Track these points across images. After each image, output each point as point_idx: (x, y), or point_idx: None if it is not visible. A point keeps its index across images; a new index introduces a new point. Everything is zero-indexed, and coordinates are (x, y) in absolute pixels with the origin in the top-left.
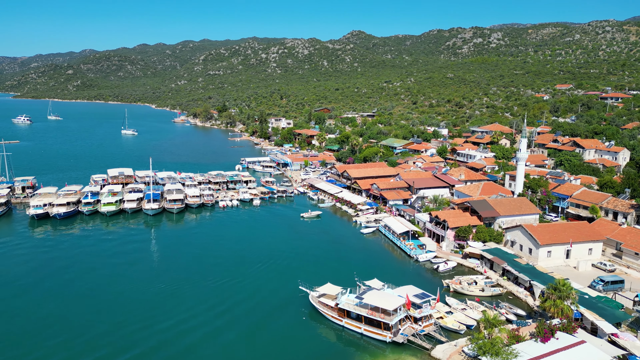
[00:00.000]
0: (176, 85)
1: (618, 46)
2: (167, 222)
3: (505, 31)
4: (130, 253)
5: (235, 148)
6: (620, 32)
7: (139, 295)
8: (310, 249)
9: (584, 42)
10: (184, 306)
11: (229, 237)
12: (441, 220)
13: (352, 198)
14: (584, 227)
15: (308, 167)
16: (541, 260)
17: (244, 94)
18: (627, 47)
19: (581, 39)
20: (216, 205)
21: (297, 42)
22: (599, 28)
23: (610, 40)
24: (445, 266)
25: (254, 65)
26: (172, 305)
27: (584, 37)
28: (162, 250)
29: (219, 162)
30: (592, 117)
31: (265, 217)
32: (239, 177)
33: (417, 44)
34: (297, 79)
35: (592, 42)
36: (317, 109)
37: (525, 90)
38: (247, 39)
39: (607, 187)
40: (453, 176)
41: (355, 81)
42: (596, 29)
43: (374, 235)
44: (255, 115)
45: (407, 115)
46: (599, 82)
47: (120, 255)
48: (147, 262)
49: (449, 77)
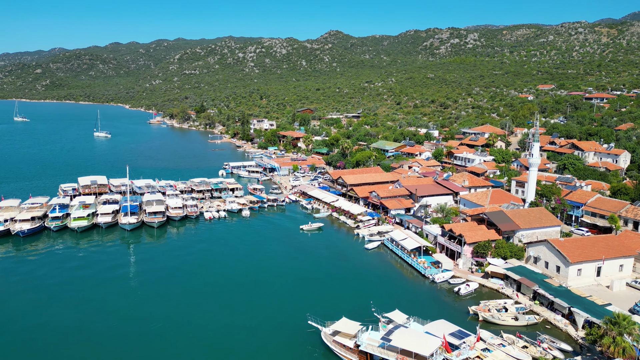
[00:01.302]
0: (151, 85)
1: (591, 47)
2: (146, 237)
3: (481, 32)
4: (104, 279)
5: (217, 151)
6: (592, 34)
7: (112, 339)
8: (313, 269)
9: (557, 43)
10: (170, 351)
11: (219, 255)
12: (456, 234)
13: (352, 208)
14: (612, 241)
15: (297, 172)
16: (571, 279)
17: (222, 94)
18: (600, 48)
19: (555, 40)
20: (201, 217)
21: (274, 41)
22: (572, 29)
23: (582, 41)
24: (467, 288)
25: (231, 64)
26: (154, 350)
27: (558, 38)
28: (142, 274)
29: (200, 166)
30: (584, 117)
31: (257, 231)
32: (224, 184)
33: (395, 44)
34: (275, 78)
35: (565, 43)
36: (299, 110)
37: (508, 91)
38: (224, 38)
39: (621, 193)
40: (456, 182)
41: (335, 81)
42: (569, 30)
43: (378, 250)
44: (236, 116)
45: (392, 116)
46: (578, 83)
47: (92, 283)
48: (123, 292)
49: (430, 77)
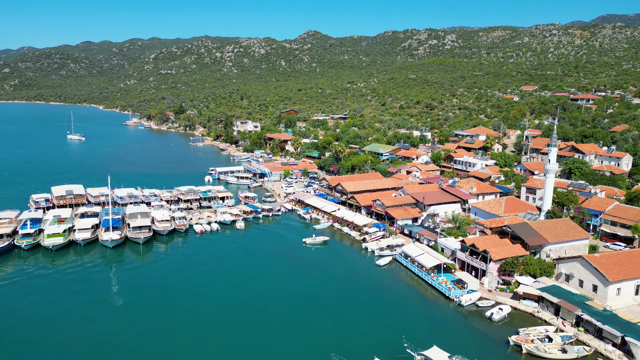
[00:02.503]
0: (125, 85)
1: (565, 49)
2: (131, 256)
3: (458, 33)
4: (83, 304)
5: (199, 155)
6: (565, 36)
7: None
8: (324, 293)
9: (532, 44)
10: None
11: (215, 277)
12: (479, 249)
13: (355, 218)
14: None
15: (289, 178)
16: (610, 299)
17: (200, 95)
18: (574, 50)
19: (530, 42)
20: (190, 230)
21: (252, 41)
22: (546, 31)
23: (557, 43)
24: (500, 313)
25: (208, 64)
26: None
27: (532, 40)
28: (127, 303)
29: (183, 172)
30: (576, 119)
31: (255, 246)
32: (214, 192)
33: (373, 45)
34: (254, 78)
35: (540, 45)
36: (283, 111)
37: (492, 92)
38: (200, 38)
39: (638, 200)
40: (462, 189)
41: (316, 81)
42: (543, 32)
43: (390, 265)
44: (217, 117)
45: (379, 117)
46: (558, 84)
47: (70, 308)
48: (106, 325)
49: (411, 77)
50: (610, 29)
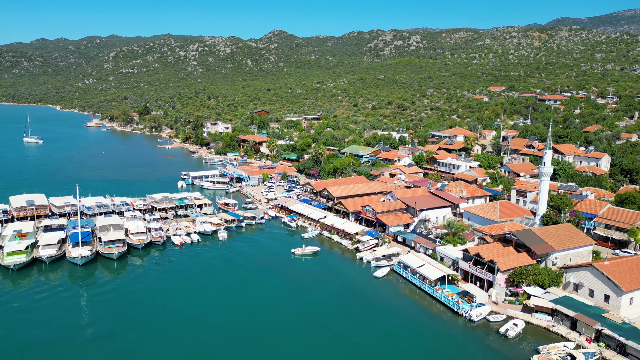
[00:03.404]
0: (84, 85)
1: (525, 50)
2: (104, 274)
3: (422, 34)
4: (51, 331)
5: (169, 158)
6: (525, 38)
7: None
8: (322, 312)
9: (493, 46)
10: None
11: (200, 296)
12: (485, 259)
13: (346, 226)
14: None
15: (268, 182)
16: (623, 309)
17: (165, 94)
18: (533, 52)
19: (491, 44)
20: (168, 242)
21: (217, 40)
22: (506, 33)
23: (517, 45)
24: (515, 329)
25: (172, 63)
26: None
27: (494, 41)
28: (101, 331)
29: (154, 177)
30: (548, 119)
31: (240, 258)
32: (191, 199)
33: (339, 45)
34: (220, 78)
35: (501, 47)
36: (254, 111)
37: (462, 92)
38: (162, 36)
39: (629, 202)
40: (452, 192)
41: (285, 81)
42: (503, 34)
43: (388, 277)
44: (184, 117)
45: (353, 118)
46: (523, 84)
47: (35, 337)
48: (77, 353)
49: (380, 78)
50: (567, 31)
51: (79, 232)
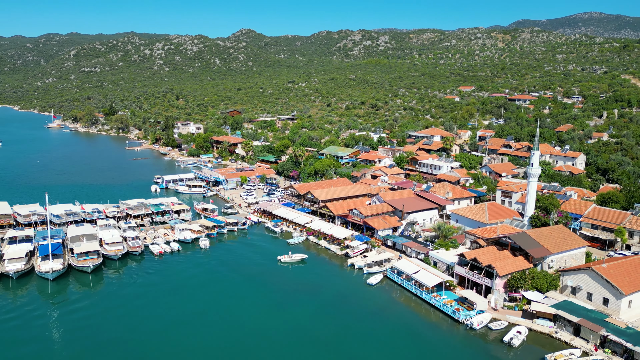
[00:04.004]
0: (43, 84)
1: (490, 51)
2: (78, 289)
3: (390, 35)
4: (19, 355)
5: (139, 160)
6: (489, 39)
7: None
8: (315, 324)
9: (459, 47)
10: None
11: (185, 313)
12: (482, 264)
13: (334, 230)
14: None
15: (247, 185)
16: (622, 313)
17: (130, 94)
18: (498, 53)
19: (457, 44)
20: (146, 252)
21: (184, 38)
22: (471, 34)
23: (482, 46)
24: (519, 337)
25: (136, 62)
26: None
27: (459, 42)
28: (75, 356)
29: (125, 181)
30: (521, 119)
31: (225, 268)
32: (168, 205)
33: (308, 45)
34: (188, 77)
35: (467, 48)
36: (225, 111)
37: (433, 92)
38: (125, 34)
39: (612, 201)
40: (438, 194)
41: (255, 80)
42: (469, 35)
43: (381, 284)
44: (153, 118)
45: (328, 118)
46: (489, 84)
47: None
48: None
49: (351, 78)
50: (529, 33)
51: (49, 244)
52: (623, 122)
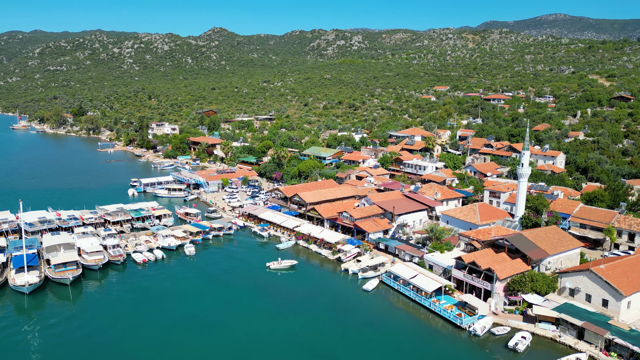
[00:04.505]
0: (6, 83)
1: (461, 52)
2: (57, 303)
3: (363, 35)
4: None
5: (112, 163)
6: (460, 40)
7: None
8: (313, 334)
9: (431, 47)
10: None
11: (173, 325)
12: (481, 267)
13: (325, 234)
14: None
15: (229, 188)
16: (622, 314)
17: (100, 94)
18: (469, 53)
19: (429, 45)
20: (129, 260)
21: (154, 36)
22: (442, 35)
23: (453, 46)
24: (524, 342)
25: (105, 60)
26: None
27: (431, 43)
28: None
29: (99, 185)
30: (499, 118)
31: (213, 277)
32: (149, 210)
33: (282, 44)
34: (159, 76)
35: (438, 48)
36: (200, 111)
37: (409, 92)
38: (93, 32)
39: (598, 200)
40: (426, 195)
41: (229, 80)
42: (440, 35)
43: (377, 289)
44: (126, 118)
45: (306, 118)
46: (462, 84)
47: None
48: None
49: (327, 77)
50: (497, 34)
51: (24, 255)
52: (597, 121)
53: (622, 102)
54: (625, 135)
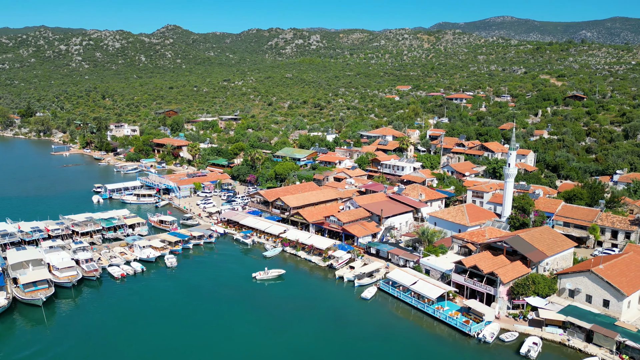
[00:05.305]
0: None
1: (417, 52)
2: (28, 327)
3: (322, 34)
4: None
5: (70, 167)
6: (415, 40)
7: None
8: (317, 351)
9: (388, 47)
10: None
11: (157, 348)
12: (483, 271)
13: (315, 240)
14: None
15: (202, 192)
16: (623, 314)
17: (48, 93)
18: (424, 53)
19: (386, 45)
20: (104, 275)
21: (104, 33)
22: (399, 35)
23: (409, 46)
24: (535, 348)
25: (51, 58)
26: None
27: (388, 42)
28: None
29: (58, 192)
30: (465, 117)
31: (198, 290)
32: (120, 219)
33: (238, 43)
34: (112, 75)
35: (395, 48)
36: (158, 111)
37: (372, 91)
38: (36, 28)
39: (577, 198)
40: (410, 196)
41: (186, 79)
42: (396, 36)
43: (374, 296)
44: (81, 120)
45: (272, 118)
46: (421, 84)
47: None
48: None
49: (288, 77)
50: (451, 35)
51: None
52: (558, 120)
53: (577, 101)
54: (587, 133)
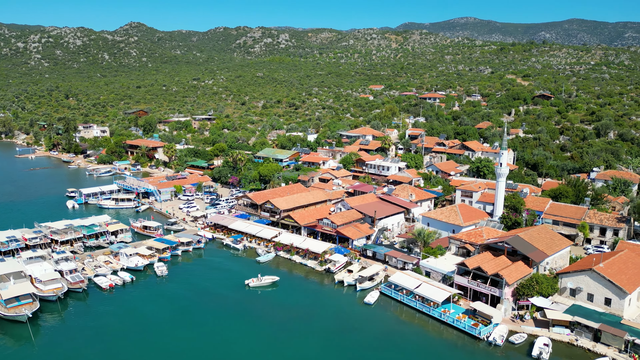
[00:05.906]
0: None
1: (385, 51)
2: (12, 345)
3: (290, 33)
4: None
5: (37, 171)
6: (383, 40)
7: None
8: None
9: (357, 47)
10: None
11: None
12: (488, 273)
13: (310, 244)
14: (636, 258)
15: (184, 195)
16: (625, 311)
17: (7, 93)
18: (393, 53)
19: (355, 44)
20: (91, 286)
21: (64, 30)
22: (367, 35)
23: (377, 46)
24: (546, 349)
25: (8, 56)
26: None
27: (357, 42)
28: None
29: (28, 197)
30: (441, 117)
31: (191, 300)
32: (102, 226)
33: (205, 41)
34: (74, 73)
35: (364, 48)
36: (127, 111)
37: (346, 91)
38: None
39: (563, 196)
40: (400, 196)
41: (154, 77)
42: (365, 35)
43: (377, 301)
44: (42, 120)
45: (247, 117)
46: (391, 83)
47: None
48: None
49: (259, 76)
50: (418, 35)
51: None
52: (532, 119)
53: (545, 100)
54: (560, 131)
